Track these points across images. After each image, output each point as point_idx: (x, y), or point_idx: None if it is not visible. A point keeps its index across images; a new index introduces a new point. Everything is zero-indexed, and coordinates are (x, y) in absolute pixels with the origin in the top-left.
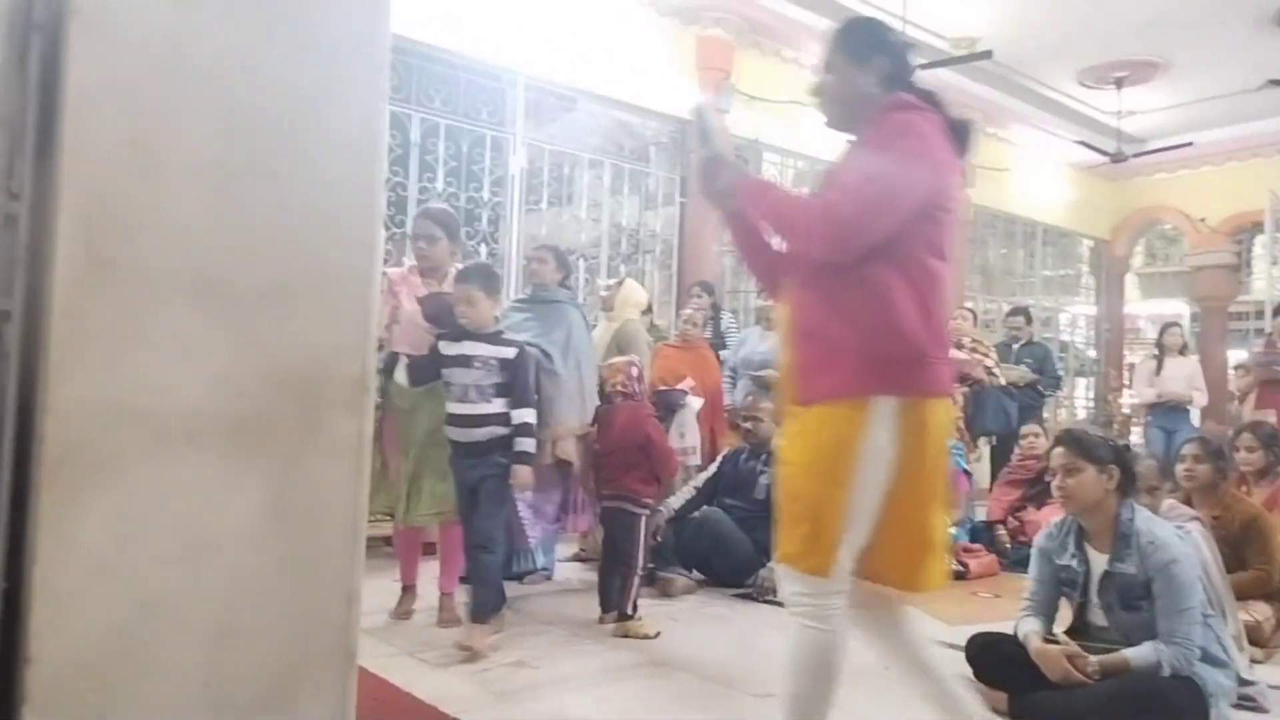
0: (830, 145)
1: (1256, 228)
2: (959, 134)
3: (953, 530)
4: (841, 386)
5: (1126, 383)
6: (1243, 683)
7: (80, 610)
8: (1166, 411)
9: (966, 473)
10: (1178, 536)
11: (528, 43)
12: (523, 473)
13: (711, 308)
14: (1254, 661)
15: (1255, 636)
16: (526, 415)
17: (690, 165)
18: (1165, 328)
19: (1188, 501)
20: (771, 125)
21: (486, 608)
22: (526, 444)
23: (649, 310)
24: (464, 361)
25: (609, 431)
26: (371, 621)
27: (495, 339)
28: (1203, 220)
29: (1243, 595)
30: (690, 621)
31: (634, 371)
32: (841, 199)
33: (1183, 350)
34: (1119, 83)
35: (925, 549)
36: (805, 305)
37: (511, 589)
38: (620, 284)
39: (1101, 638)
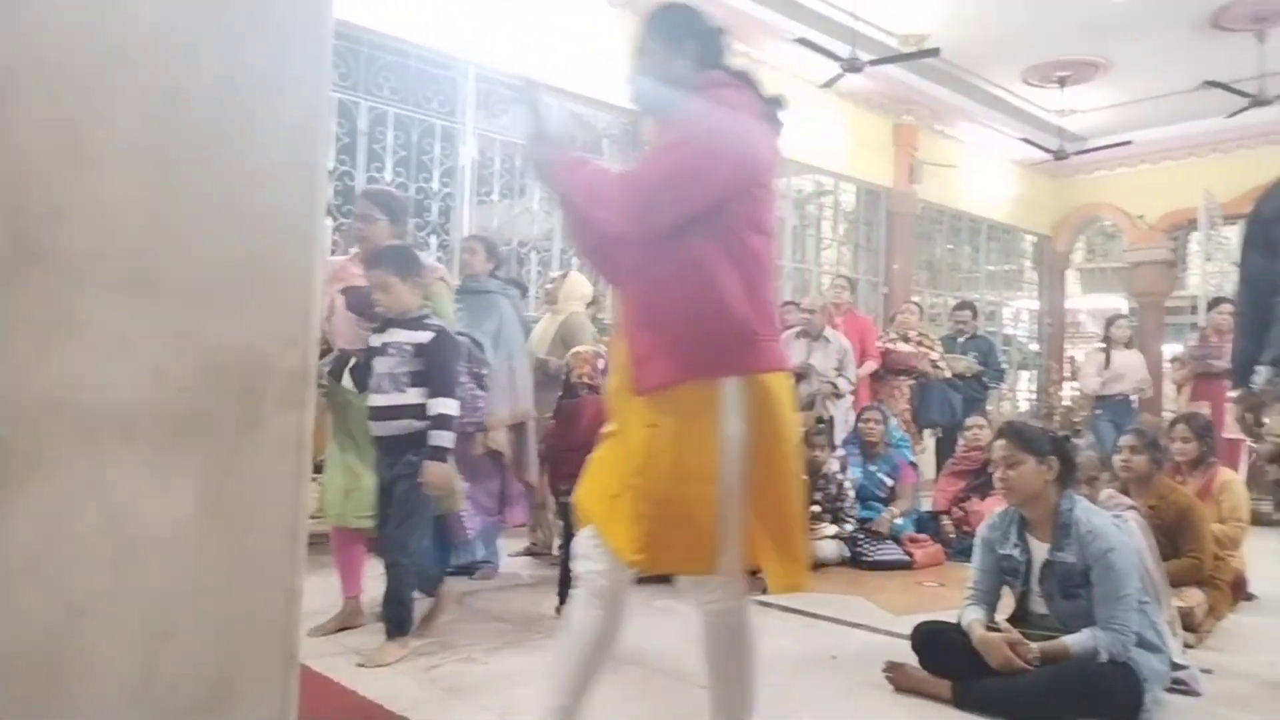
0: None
1: (1192, 225)
2: (774, 111)
3: (900, 521)
4: (681, 371)
5: (1068, 375)
6: (1176, 667)
7: (9, 611)
8: (1114, 404)
9: (913, 464)
10: (1115, 526)
11: (480, 32)
12: (433, 471)
13: None
14: (1186, 646)
15: (1188, 622)
16: (444, 406)
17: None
18: (1113, 320)
19: (1125, 491)
20: None
21: (399, 625)
22: (440, 438)
23: (594, 303)
24: (384, 350)
25: (576, 425)
26: (319, 620)
27: (414, 324)
28: (1140, 217)
29: (1176, 582)
30: (640, 614)
31: (600, 364)
32: (644, 169)
33: (1129, 343)
34: (1062, 82)
35: (791, 529)
36: (634, 292)
37: (461, 584)
38: (564, 276)
39: (1042, 625)
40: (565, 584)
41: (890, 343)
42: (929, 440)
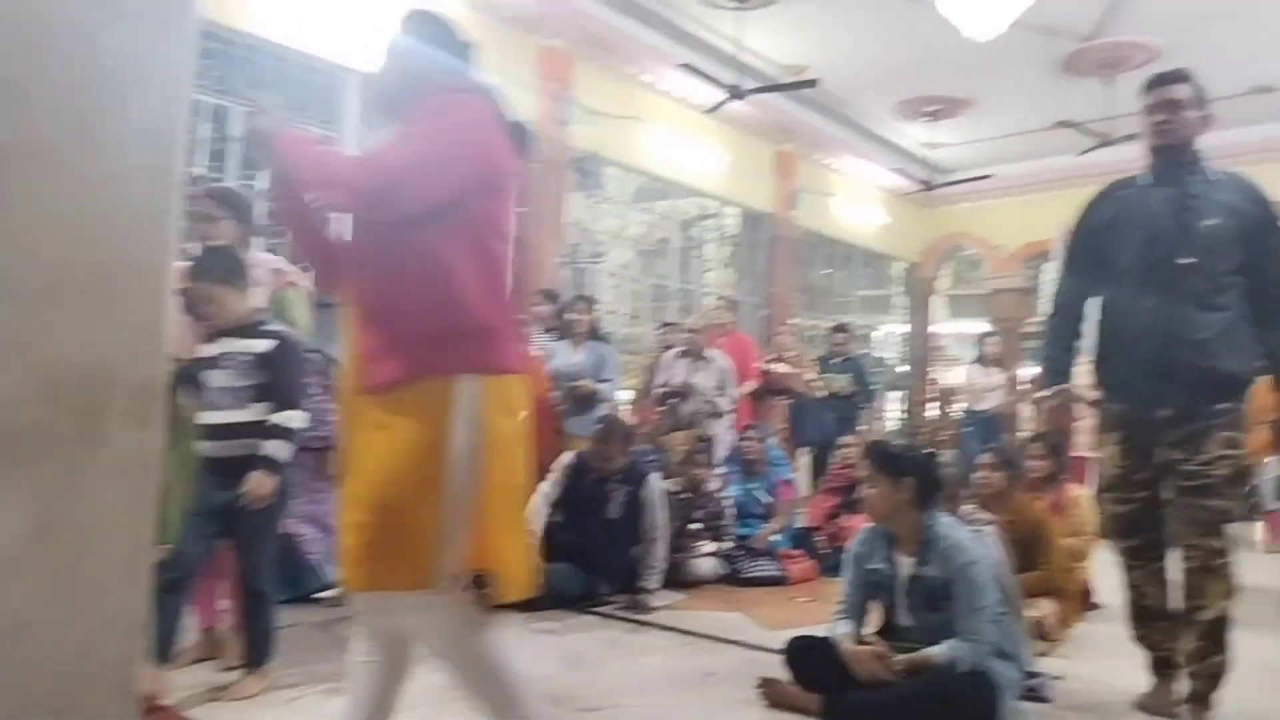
0: (672, 160)
1: (1046, 255)
2: (516, 133)
3: (776, 538)
4: (414, 368)
5: (934, 396)
6: (1029, 675)
7: None
8: (981, 420)
9: (789, 482)
10: (975, 540)
11: (363, 41)
12: (256, 482)
13: (554, 316)
14: (1039, 655)
15: (1040, 631)
16: (286, 418)
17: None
18: (984, 337)
19: (985, 506)
20: (612, 140)
21: (259, 655)
22: (274, 449)
23: None
24: (216, 363)
25: None
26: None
27: (250, 331)
28: (1001, 247)
29: (1029, 593)
30: (517, 638)
31: None
32: (388, 153)
33: (998, 361)
34: (932, 116)
35: (516, 535)
36: (367, 286)
37: (320, 612)
38: None
39: (908, 638)
40: None
41: (768, 364)
42: (804, 458)
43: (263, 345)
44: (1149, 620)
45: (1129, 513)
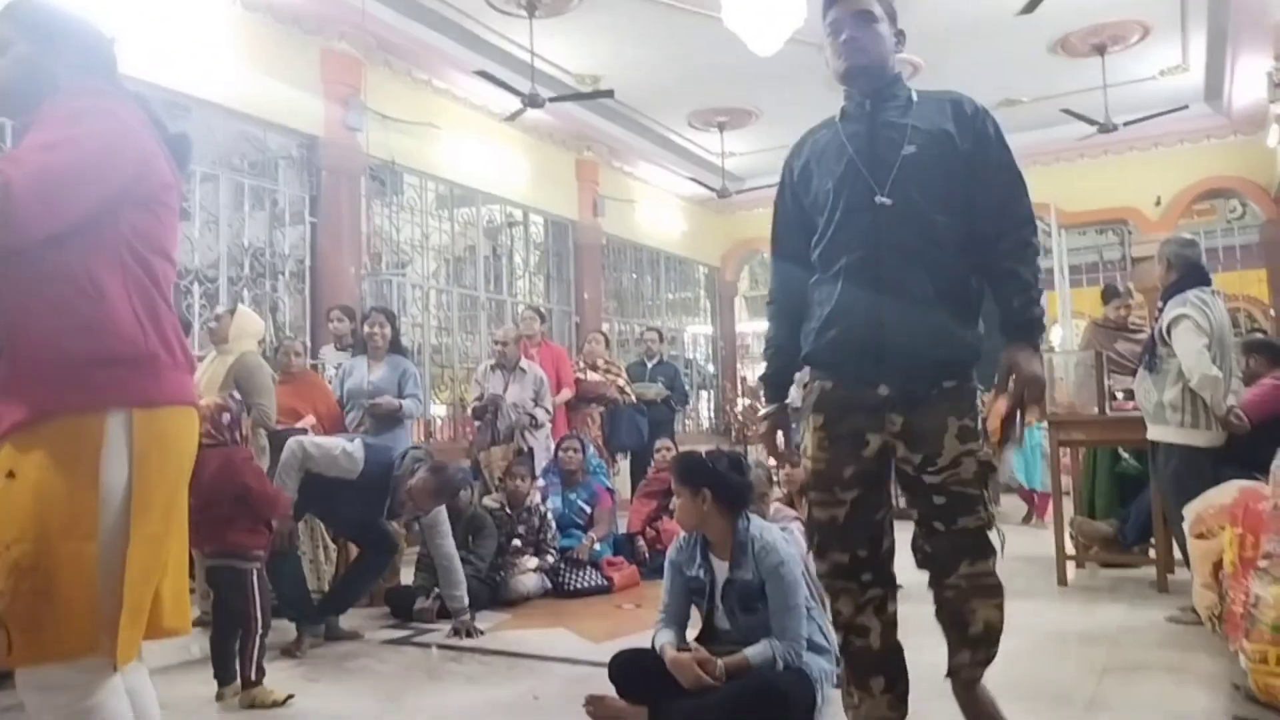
0: (473, 168)
1: None
2: (175, 145)
3: (598, 547)
4: (50, 403)
5: (741, 394)
6: (840, 662)
7: None
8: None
9: (609, 490)
10: (784, 539)
11: (125, 37)
12: None
13: (351, 334)
14: None
15: None
16: None
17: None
18: None
19: (791, 503)
20: (409, 147)
21: None
22: None
23: (263, 340)
24: None
25: (197, 483)
26: None
27: None
28: None
29: None
30: (331, 677)
31: (225, 418)
32: (12, 172)
33: None
34: (721, 126)
35: (178, 580)
36: None
37: None
38: (233, 312)
39: (727, 640)
40: (222, 660)
41: (580, 372)
42: (622, 463)
43: None
44: (863, 674)
45: (832, 520)
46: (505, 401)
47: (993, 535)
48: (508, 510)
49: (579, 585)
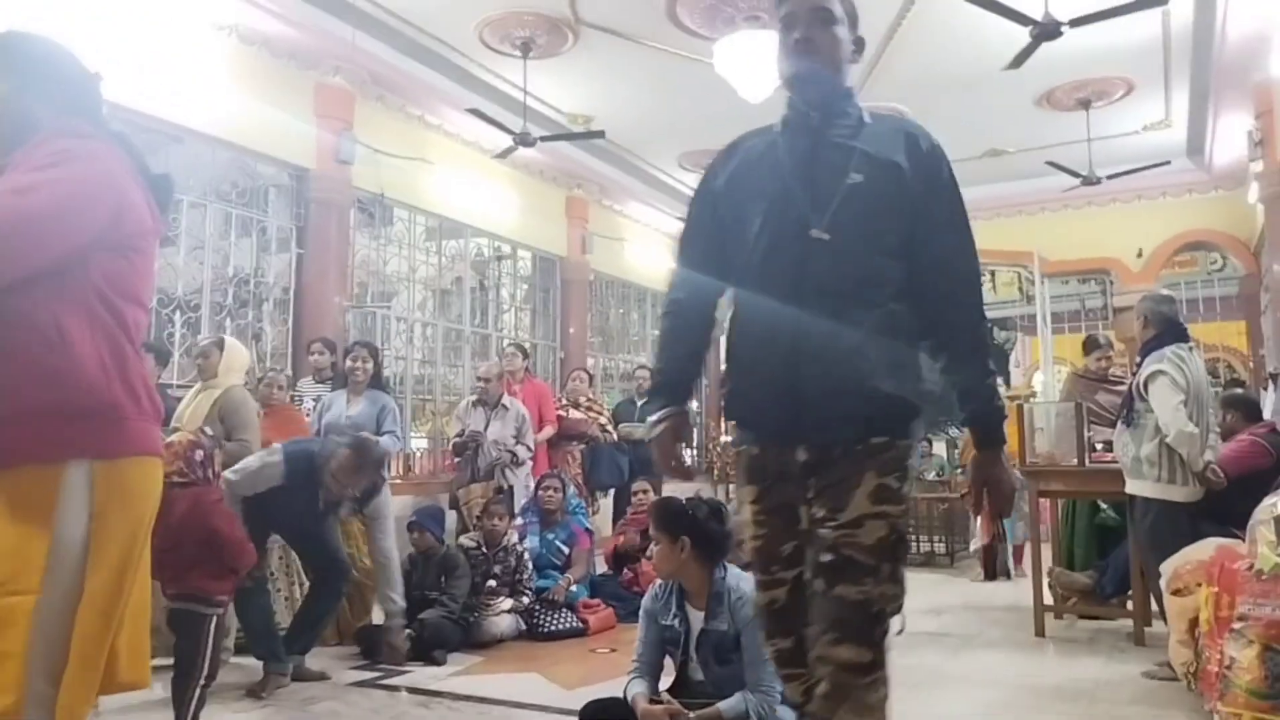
0: (463, 203)
1: None
2: (157, 186)
3: (574, 588)
4: (8, 453)
5: (725, 431)
6: None
7: None
8: None
9: (588, 530)
10: None
11: (121, 70)
12: None
13: (332, 367)
14: None
15: None
16: None
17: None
18: None
19: None
20: (399, 181)
21: None
22: None
23: (250, 369)
24: None
25: (165, 523)
26: None
27: None
28: None
29: None
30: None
31: (198, 455)
32: None
33: None
34: None
35: (137, 632)
36: None
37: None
38: (220, 344)
39: (700, 692)
40: (179, 705)
41: (562, 409)
42: (605, 501)
43: None
44: None
45: (772, 603)
46: (486, 438)
47: (889, 618)
48: (483, 550)
49: (554, 628)
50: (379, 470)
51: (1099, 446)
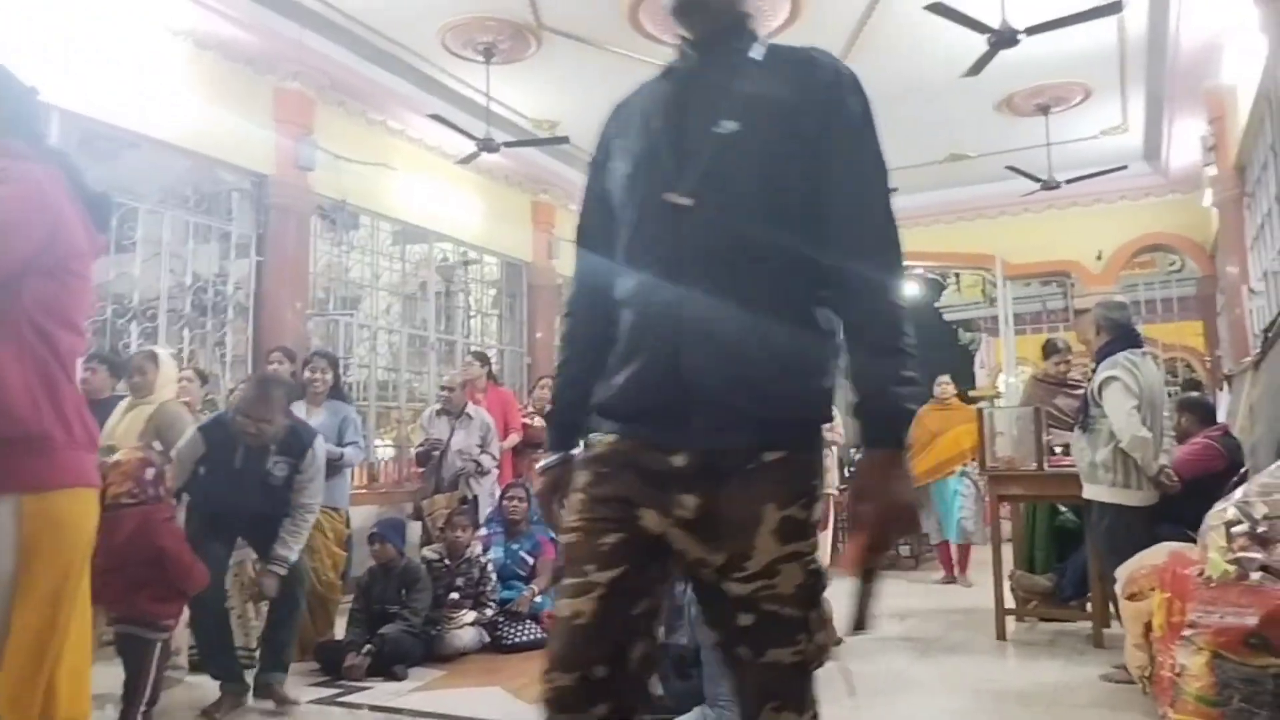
0: (427, 208)
1: None
2: (95, 205)
3: (539, 599)
4: None
5: None
6: None
7: None
8: None
9: (553, 540)
10: None
11: (75, 76)
12: None
13: (291, 376)
14: None
15: None
16: None
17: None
18: None
19: None
20: (362, 187)
21: None
22: None
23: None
24: None
25: (111, 542)
26: None
27: None
28: None
29: None
30: None
31: (149, 474)
32: None
33: None
34: None
35: (76, 666)
36: None
37: None
38: (154, 358)
39: (660, 708)
40: None
41: (528, 418)
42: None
43: None
44: None
45: (573, 618)
46: (450, 447)
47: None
48: (446, 562)
49: (518, 639)
50: (283, 398)
51: (1058, 450)
